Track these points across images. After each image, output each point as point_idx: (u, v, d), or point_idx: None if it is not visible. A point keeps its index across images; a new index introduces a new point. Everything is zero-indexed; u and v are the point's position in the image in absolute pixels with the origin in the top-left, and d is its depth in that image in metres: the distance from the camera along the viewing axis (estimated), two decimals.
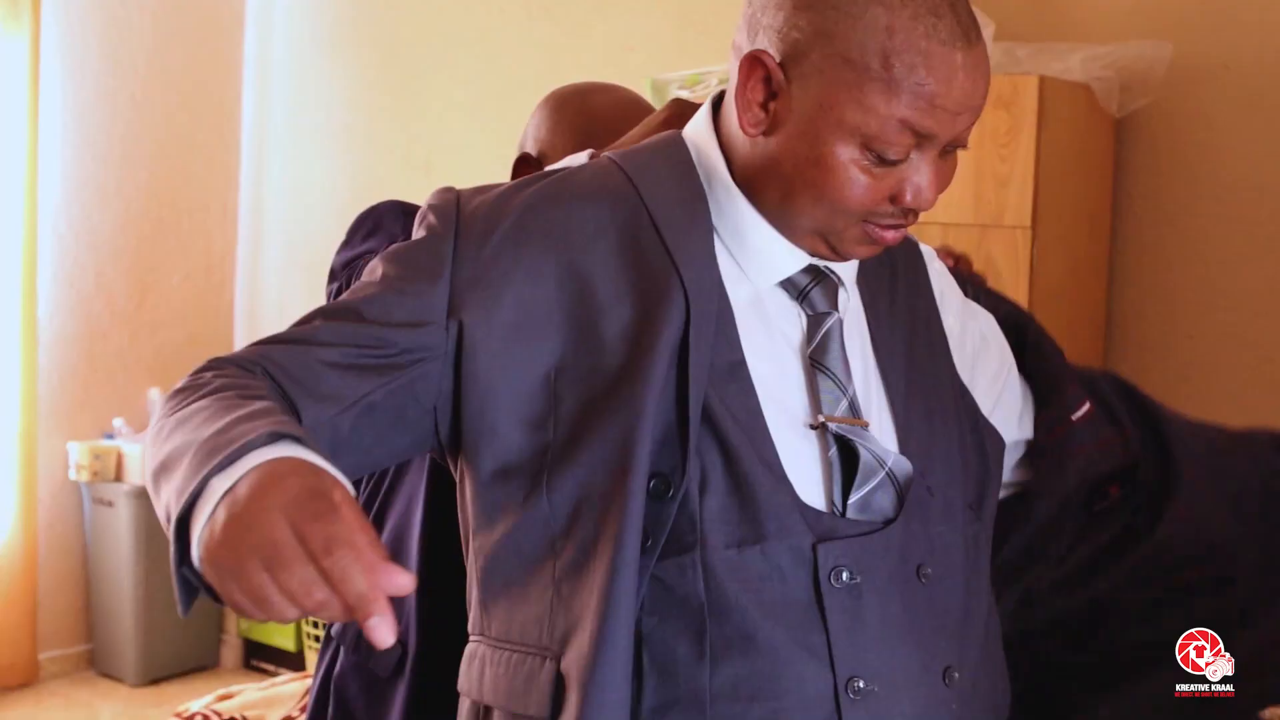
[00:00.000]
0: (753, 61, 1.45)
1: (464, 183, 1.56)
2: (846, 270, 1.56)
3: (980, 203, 3.38)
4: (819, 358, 1.50)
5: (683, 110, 1.77)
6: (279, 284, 5.74)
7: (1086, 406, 1.73)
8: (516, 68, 4.89)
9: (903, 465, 1.49)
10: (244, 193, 5.90)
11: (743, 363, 1.47)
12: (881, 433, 1.52)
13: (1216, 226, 3.60)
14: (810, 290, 1.53)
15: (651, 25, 4.56)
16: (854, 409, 1.50)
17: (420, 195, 1.61)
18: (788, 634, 1.41)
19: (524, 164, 2.08)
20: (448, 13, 5.08)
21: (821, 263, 1.53)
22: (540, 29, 4.84)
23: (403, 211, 2.04)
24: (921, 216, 1.54)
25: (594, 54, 4.69)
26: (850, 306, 1.57)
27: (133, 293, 5.64)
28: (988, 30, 3.47)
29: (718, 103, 1.57)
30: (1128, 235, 3.72)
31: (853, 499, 1.46)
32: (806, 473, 1.46)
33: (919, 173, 1.44)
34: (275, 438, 1.22)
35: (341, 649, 2.01)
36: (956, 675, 1.48)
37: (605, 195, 1.50)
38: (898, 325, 1.60)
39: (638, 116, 1.98)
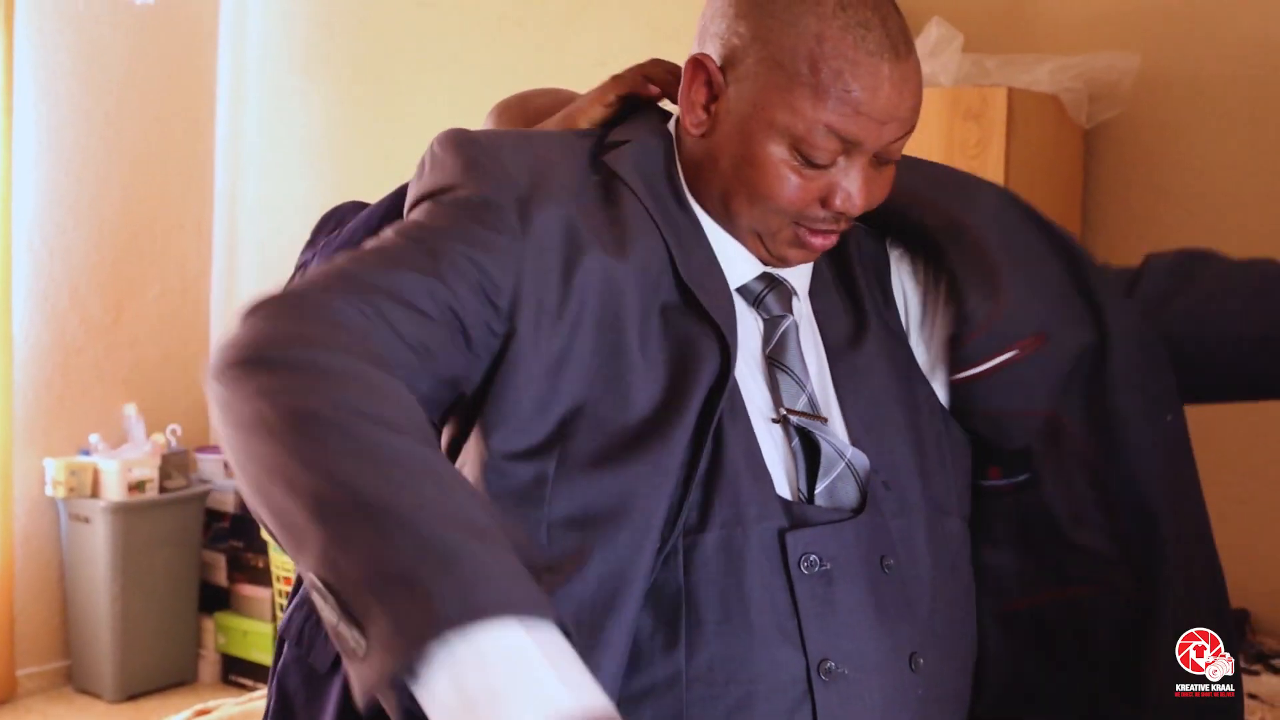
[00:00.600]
0: (696, 65, 1.54)
1: None
2: (799, 279, 1.62)
3: None
4: (778, 356, 1.56)
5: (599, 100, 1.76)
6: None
7: (1011, 354, 1.62)
8: (490, 84, 4.89)
9: (860, 459, 1.53)
10: (219, 209, 5.90)
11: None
12: (836, 431, 1.56)
13: (1186, 236, 3.63)
14: (765, 296, 1.59)
15: (624, 39, 4.58)
16: (813, 405, 1.55)
17: None
18: (761, 618, 1.44)
19: None
20: (421, 30, 5.10)
21: (774, 270, 1.59)
22: (513, 45, 4.86)
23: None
24: None
25: (567, 68, 4.70)
26: (803, 313, 1.62)
27: (108, 309, 5.64)
28: (955, 42, 3.49)
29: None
30: (1097, 245, 3.75)
31: (819, 488, 1.51)
32: (775, 464, 1.51)
33: (848, 178, 1.50)
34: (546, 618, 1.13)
35: (286, 643, 2.00)
36: (922, 662, 1.51)
37: (647, 254, 1.52)
38: (852, 328, 1.64)
39: None
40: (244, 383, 1.25)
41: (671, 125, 1.64)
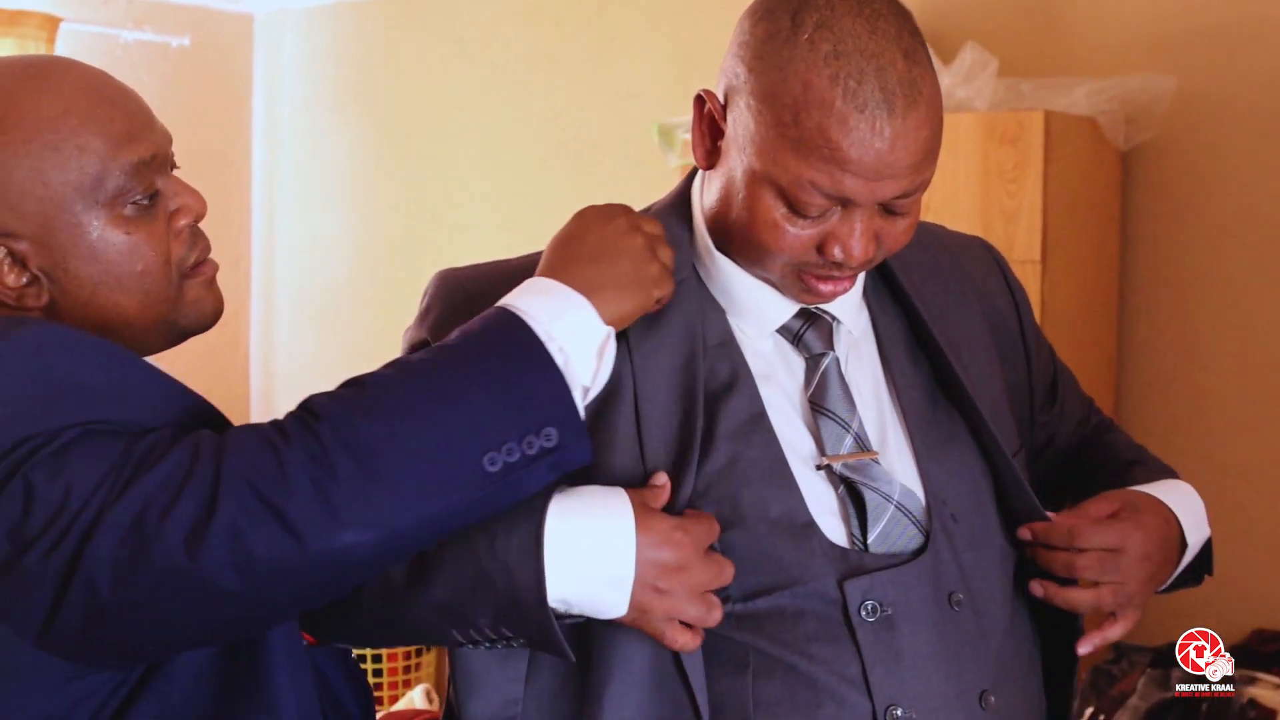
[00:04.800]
0: (699, 100, 1.48)
1: (469, 232, 1.56)
2: (843, 307, 1.57)
3: (989, 238, 3.31)
4: (819, 400, 1.52)
5: None
6: (290, 336, 5.76)
7: None
8: (519, 118, 4.91)
9: (912, 498, 1.51)
10: (256, 249, 5.93)
11: (763, 414, 1.50)
12: (899, 460, 1.54)
13: (1225, 256, 3.61)
14: (804, 333, 1.55)
15: (653, 71, 4.58)
16: (861, 442, 1.51)
17: (431, 248, 1.62)
18: (824, 666, 1.44)
19: None
20: (450, 67, 5.11)
21: (811, 305, 1.55)
22: (542, 79, 4.86)
23: None
24: None
25: (596, 101, 4.71)
26: (858, 335, 1.59)
27: None
28: (990, 66, 3.49)
29: None
30: (1137, 267, 3.73)
31: (872, 536, 1.48)
32: (828, 511, 1.49)
33: (845, 228, 1.42)
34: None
35: None
36: (993, 699, 1.49)
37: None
38: (919, 349, 1.62)
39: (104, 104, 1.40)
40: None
41: (696, 190, 1.59)
